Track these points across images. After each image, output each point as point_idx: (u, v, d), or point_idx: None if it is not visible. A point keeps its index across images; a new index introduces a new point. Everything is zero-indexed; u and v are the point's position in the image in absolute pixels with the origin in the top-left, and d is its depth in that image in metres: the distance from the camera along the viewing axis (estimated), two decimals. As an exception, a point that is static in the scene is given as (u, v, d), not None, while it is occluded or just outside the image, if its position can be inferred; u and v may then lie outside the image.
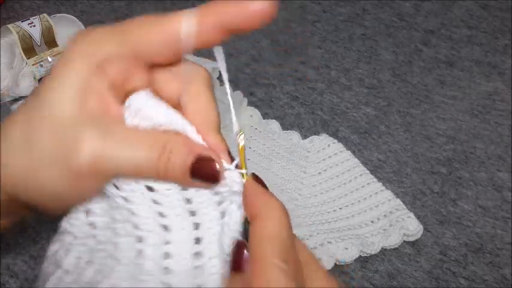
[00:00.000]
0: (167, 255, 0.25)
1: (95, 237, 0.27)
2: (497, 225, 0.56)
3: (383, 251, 0.53)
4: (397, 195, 0.57)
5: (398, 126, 0.67)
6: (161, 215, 0.26)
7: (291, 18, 0.82)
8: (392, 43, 0.79)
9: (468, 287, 0.51)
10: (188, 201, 0.26)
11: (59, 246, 0.28)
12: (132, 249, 0.25)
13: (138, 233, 0.25)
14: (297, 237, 0.26)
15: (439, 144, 0.65)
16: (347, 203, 0.57)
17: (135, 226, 0.25)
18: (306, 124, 0.66)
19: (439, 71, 0.75)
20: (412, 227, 0.53)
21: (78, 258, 0.27)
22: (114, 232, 0.26)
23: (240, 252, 0.24)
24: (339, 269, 0.52)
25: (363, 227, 0.54)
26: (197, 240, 0.26)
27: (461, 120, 0.68)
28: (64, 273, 0.27)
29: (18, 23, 0.65)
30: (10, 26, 0.64)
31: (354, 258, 0.52)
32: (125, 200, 0.26)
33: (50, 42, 0.66)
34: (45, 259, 0.29)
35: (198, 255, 0.25)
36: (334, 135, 0.64)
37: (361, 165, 0.60)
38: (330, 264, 0.51)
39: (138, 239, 0.25)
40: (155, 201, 0.26)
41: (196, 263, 0.25)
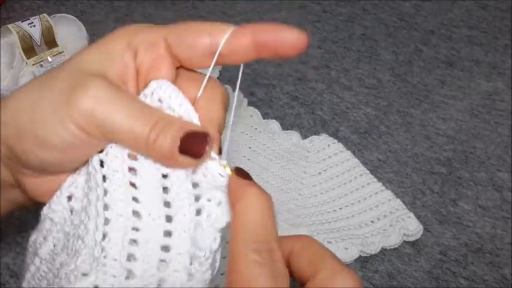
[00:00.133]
0: (133, 242, 0.25)
1: (72, 223, 0.27)
2: (497, 225, 0.56)
3: (383, 251, 0.53)
4: (397, 195, 0.57)
5: (398, 126, 0.67)
6: (135, 199, 0.25)
7: (291, 18, 0.82)
8: (392, 43, 0.79)
9: (468, 287, 0.51)
10: (165, 190, 0.26)
11: (37, 234, 0.28)
12: (99, 232, 0.25)
13: (107, 214, 0.25)
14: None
15: (439, 144, 0.65)
16: (347, 203, 0.57)
17: (106, 207, 0.25)
18: (306, 124, 0.66)
19: (439, 71, 0.75)
20: (412, 227, 0.53)
21: (54, 245, 0.27)
22: (86, 214, 0.25)
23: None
24: (339, 269, 0.52)
25: (363, 227, 0.54)
26: (166, 233, 0.25)
27: (461, 120, 0.68)
28: (40, 262, 0.27)
29: (18, 23, 0.65)
30: (10, 26, 0.64)
31: (354, 258, 0.52)
32: (104, 178, 0.25)
33: (50, 42, 0.66)
34: (27, 249, 0.28)
35: (165, 249, 0.25)
36: (334, 135, 0.64)
37: (361, 165, 0.60)
38: (330, 264, 0.51)
39: (107, 221, 0.25)
40: (133, 185, 0.25)
41: (163, 256, 0.25)
